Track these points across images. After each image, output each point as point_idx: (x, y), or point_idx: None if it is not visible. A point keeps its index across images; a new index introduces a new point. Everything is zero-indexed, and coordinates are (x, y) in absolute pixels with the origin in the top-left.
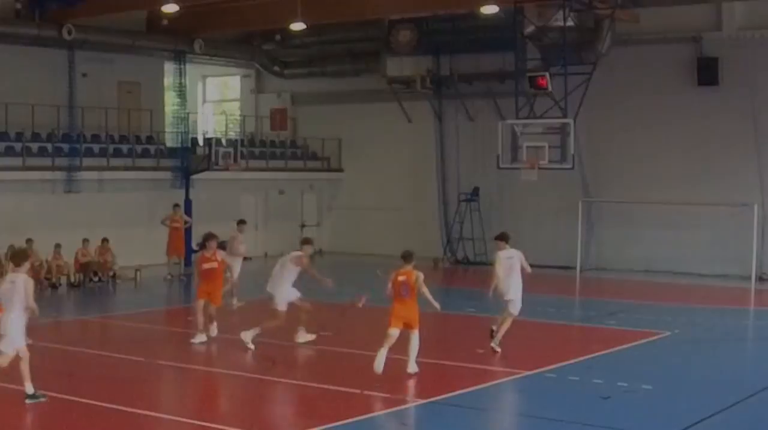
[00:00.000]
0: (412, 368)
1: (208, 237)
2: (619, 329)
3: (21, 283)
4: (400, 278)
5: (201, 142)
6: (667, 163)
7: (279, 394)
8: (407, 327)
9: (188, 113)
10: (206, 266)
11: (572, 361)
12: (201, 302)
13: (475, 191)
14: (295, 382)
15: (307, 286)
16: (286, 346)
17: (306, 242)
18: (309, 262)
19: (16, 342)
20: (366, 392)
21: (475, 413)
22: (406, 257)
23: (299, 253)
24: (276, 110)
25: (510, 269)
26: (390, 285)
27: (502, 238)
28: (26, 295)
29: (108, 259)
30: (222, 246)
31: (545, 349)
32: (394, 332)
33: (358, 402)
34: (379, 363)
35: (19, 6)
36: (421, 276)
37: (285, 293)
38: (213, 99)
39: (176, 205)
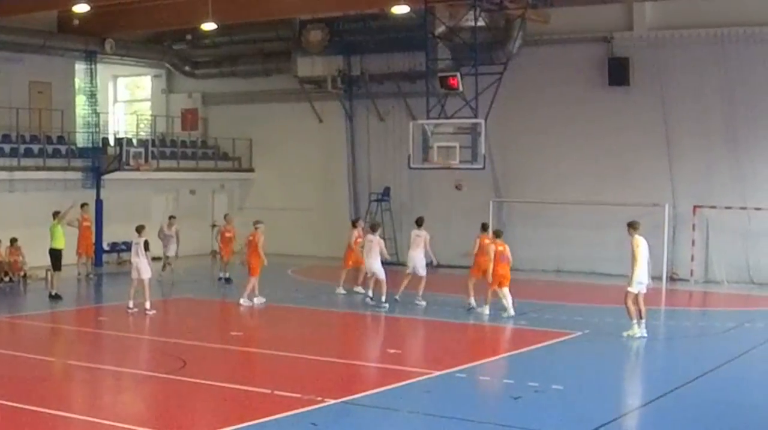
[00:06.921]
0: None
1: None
2: (530, 329)
3: None
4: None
5: (112, 143)
6: (578, 163)
7: (190, 394)
8: None
9: (99, 113)
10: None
11: (483, 361)
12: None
13: (386, 191)
14: (205, 382)
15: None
16: (198, 346)
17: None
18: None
19: None
20: (276, 392)
21: (386, 413)
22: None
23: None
24: (187, 110)
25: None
26: None
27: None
28: None
29: (18, 259)
30: None
31: (456, 349)
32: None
33: (269, 402)
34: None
35: None
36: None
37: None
38: (124, 99)
39: (85, 204)
